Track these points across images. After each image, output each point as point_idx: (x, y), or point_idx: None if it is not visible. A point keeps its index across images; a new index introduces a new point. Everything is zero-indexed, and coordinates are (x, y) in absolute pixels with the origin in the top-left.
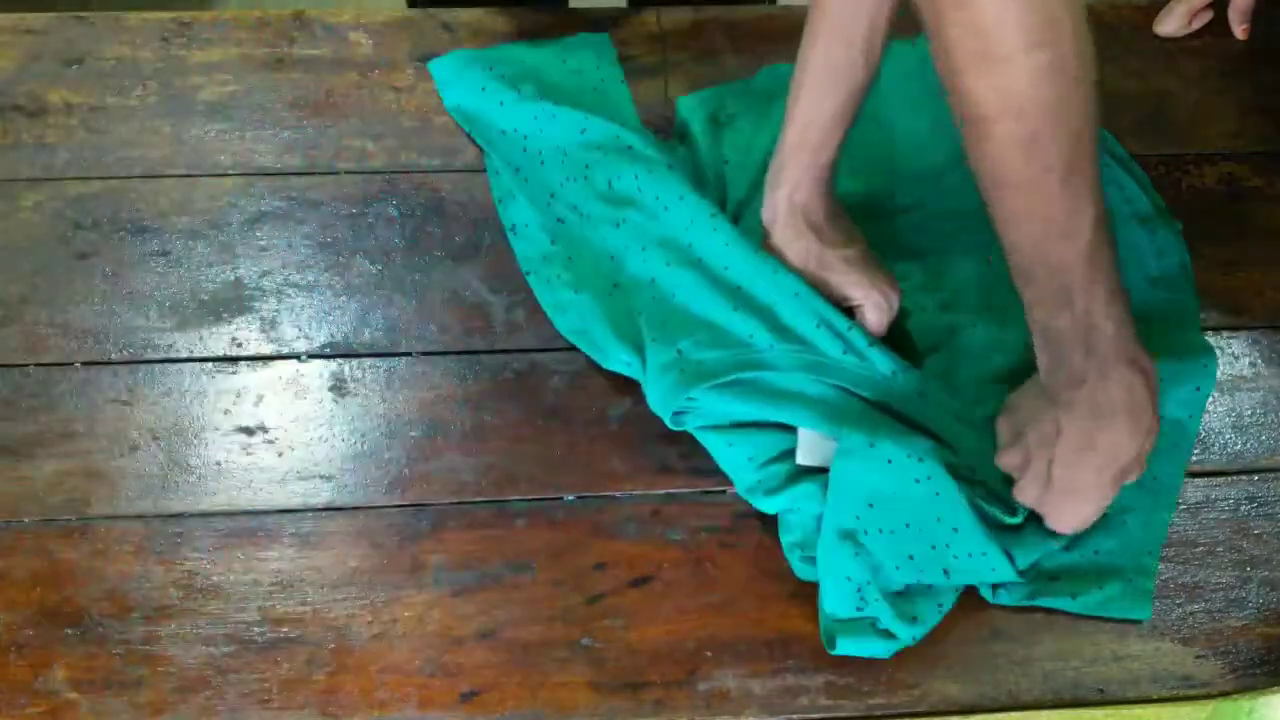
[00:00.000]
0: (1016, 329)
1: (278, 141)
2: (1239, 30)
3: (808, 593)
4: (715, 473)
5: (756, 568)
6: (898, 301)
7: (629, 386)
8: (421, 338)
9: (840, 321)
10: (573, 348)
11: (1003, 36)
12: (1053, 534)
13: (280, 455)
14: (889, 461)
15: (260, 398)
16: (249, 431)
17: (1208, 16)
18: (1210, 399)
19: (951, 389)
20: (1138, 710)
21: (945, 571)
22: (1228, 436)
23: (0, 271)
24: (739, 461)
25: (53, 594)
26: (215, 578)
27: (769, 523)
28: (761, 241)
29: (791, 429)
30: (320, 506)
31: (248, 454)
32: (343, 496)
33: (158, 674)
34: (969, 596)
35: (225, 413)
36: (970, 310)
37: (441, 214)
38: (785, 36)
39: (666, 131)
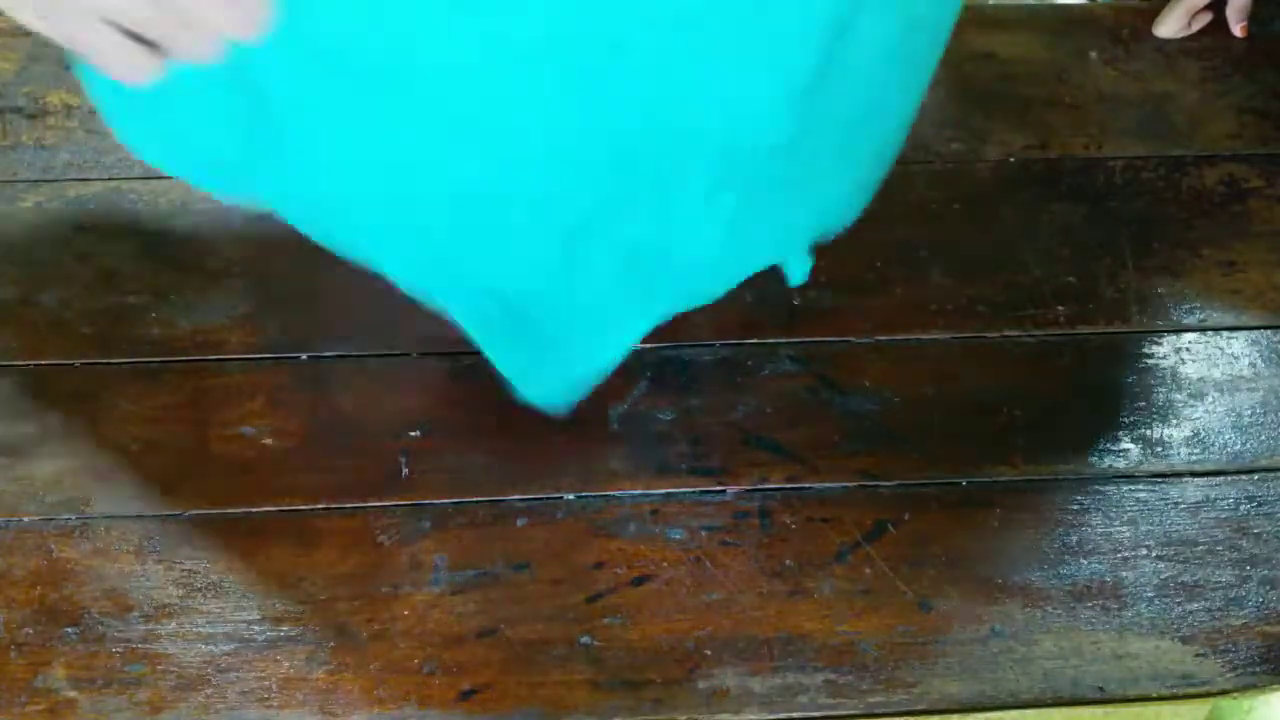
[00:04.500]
0: None
1: None
2: (1237, 29)
3: (808, 591)
4: (715, 472)
5: (756, 567)
6: None
7: (629, 386)
8: (421, 338)
9: None
10: None
11: None
12: None
13: (280, 454)
14: None
15: (260, 397)
16: (249, 431)
17: (1207, 18)
18: (1210, 399)
19: None
20: (1137, 708)
21: None
22: (1228, 436)
23: (0, 271)
24: None
25: (52, 593)
26: (215, 576)
27: (769, 522)
28: None
29: None
30: (320, 505)
31: (248, 453)
32: (342, 495)
33: (157, 672)
34: (969, 596)
35: (225, 412)
36: None
37: None
38: None
39: None
